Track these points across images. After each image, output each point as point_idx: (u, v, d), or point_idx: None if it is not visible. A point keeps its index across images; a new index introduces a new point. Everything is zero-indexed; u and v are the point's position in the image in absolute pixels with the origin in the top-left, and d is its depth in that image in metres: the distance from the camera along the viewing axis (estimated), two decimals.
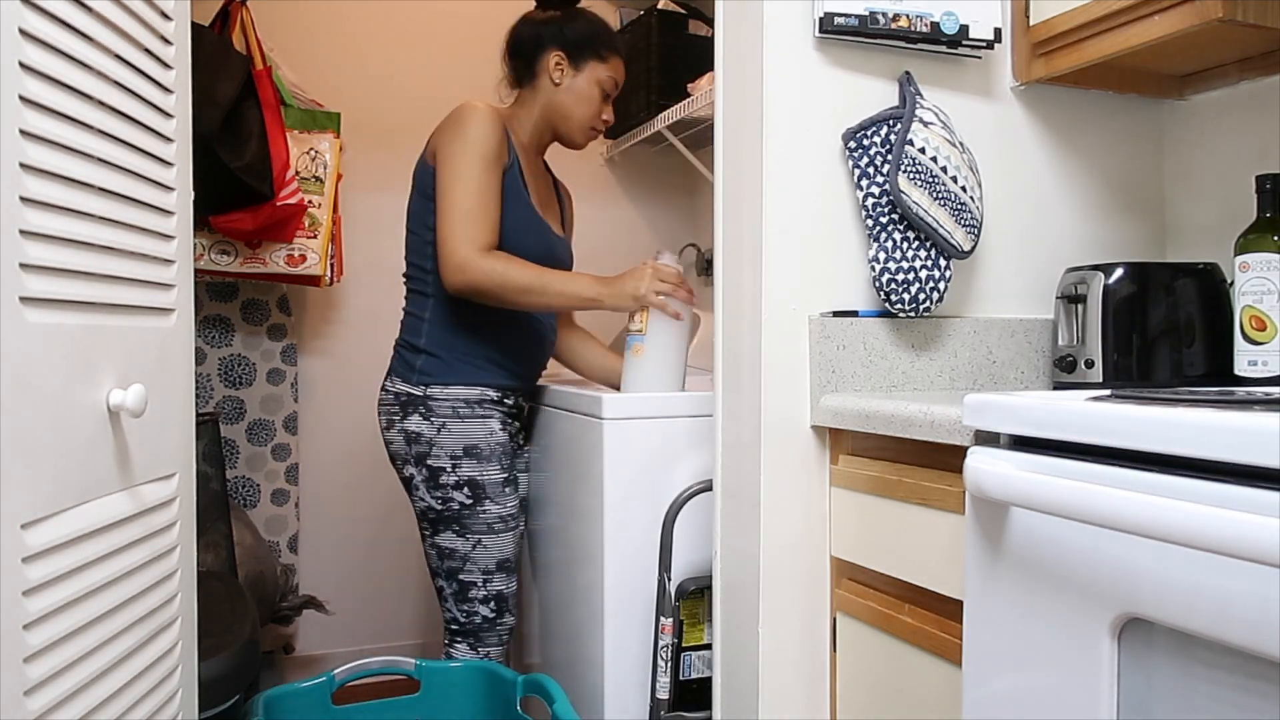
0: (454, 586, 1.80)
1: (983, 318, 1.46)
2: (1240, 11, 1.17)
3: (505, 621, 1.83)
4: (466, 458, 1.77)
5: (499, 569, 1.80)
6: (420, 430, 1.77)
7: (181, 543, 1.15)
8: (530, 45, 1.86)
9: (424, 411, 1.77)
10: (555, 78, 1.84)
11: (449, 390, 1.77)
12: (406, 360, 1.81)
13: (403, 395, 1.79)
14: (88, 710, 0.92)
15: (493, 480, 1.78)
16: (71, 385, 0.90)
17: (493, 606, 1.80)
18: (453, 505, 1.77)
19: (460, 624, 1.81)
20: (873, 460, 1.29)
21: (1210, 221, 1.53)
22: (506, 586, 1.82)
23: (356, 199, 2.65)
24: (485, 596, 1.79)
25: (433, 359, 1.79)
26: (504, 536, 1.80)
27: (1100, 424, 0.85)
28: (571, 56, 1.83)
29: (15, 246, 0.81)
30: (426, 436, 1.77)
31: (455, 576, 1.79)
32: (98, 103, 0.95)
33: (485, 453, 1.78)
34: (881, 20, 1.35)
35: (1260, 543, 0.65)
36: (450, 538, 1.78)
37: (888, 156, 1.35)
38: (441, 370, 1.78)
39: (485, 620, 1.80)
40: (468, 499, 1.77)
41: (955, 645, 1.11)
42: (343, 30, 2.66)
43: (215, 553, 2.12)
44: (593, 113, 1.86)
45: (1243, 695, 0.74)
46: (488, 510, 1.77)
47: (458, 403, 1.77)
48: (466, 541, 1.77)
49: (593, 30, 1.86)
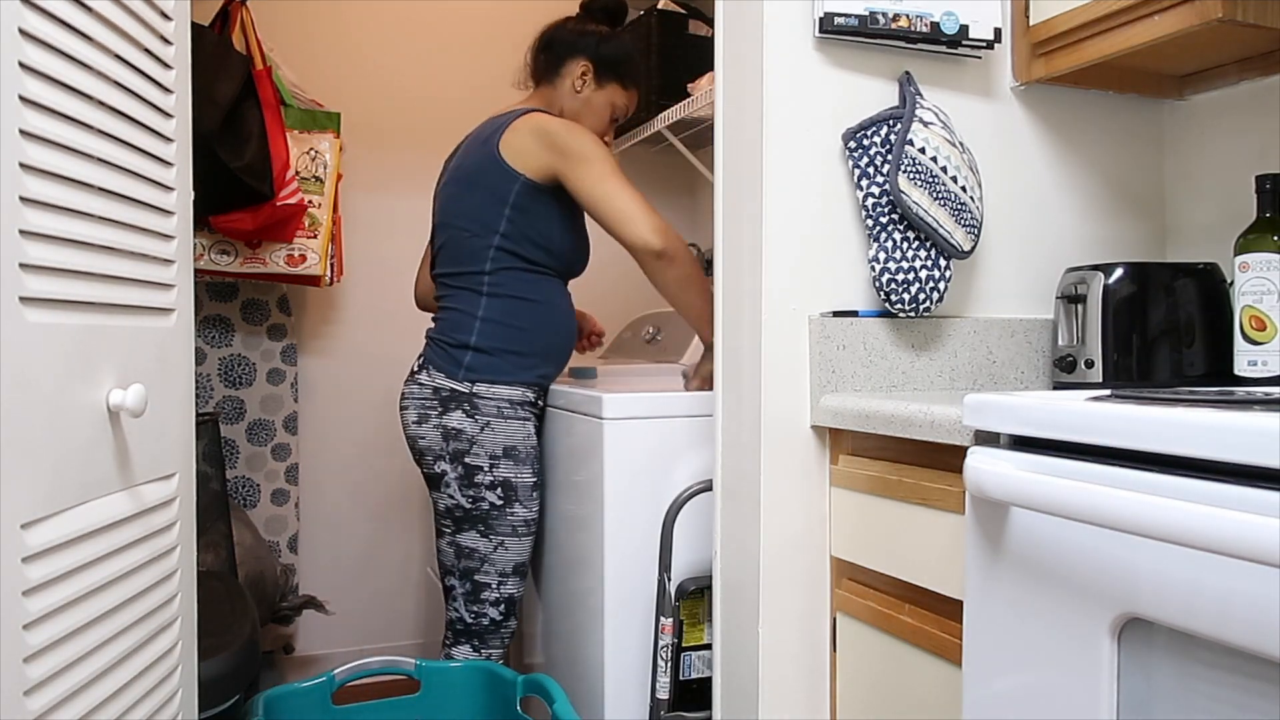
0: (467, 586, 1.80)
1: (983, 318, 1.46)
2: (1240, 11, 1.17)
3: (510, 625, 1.84)
4: (505, 458, 1.77)
5: (514, 573, 1.81)
6: (462, 427, 1.77)
7: (181, 543, 1.15)
8: (563, 47, 1.90)
9: (468, 409, 1.77)
10: (577, 85, 1.88)
11: (496, 389, 1.78)
12: (452, 356, 1.80)
13: (444, 390, 1.78)
14: (88, 710, 0.92)
15: (525, 483, 1.79)
16: (71, 385, 0.90)
17: (502, 610, 1.81)
18: (483, 505, 1.77)
19: (466, 625, 1.81)
20: (873, 460, 1.29)
21: (1210, 221, 1.53)
22: (518, 591, 1.83)
23: (356, 199, 2.65)
24: (497, 599, 1.80)
25: (483, 356, 1.78)
26: (525, 540, 1.81)
27: (1100, 424, 0.85)
28: (598, 71, 1.88)
29: (15, 246, 0.81)
30: (468, 434, 1.76)
31: (470, 576, 1.79)
32: (98, 103, 0.95)
33: (522, 455, 1.79)
34: (881, 20, 1.35)
35: (1260, 543, 0.65)
36: (473, 537, 1.78)
37: (888, 156, 1.35)
38: (492, 368, 1.78)
39: (492, 623, 1.81)
40: (499, 499, 1.77)
41: (955, 645, 1.11)
42: (343, 30, 2.66)
43: (215, 553, 2.12)
44: (599, 129, 1.90)
45: (1243, 695, 0.74)
46: (516, 513, 1.78)
47: (503, 403, 1.78)
48: (489, 542, 1.78)
49: (625, 55, 1.92)
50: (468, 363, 1.78)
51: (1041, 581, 0.90)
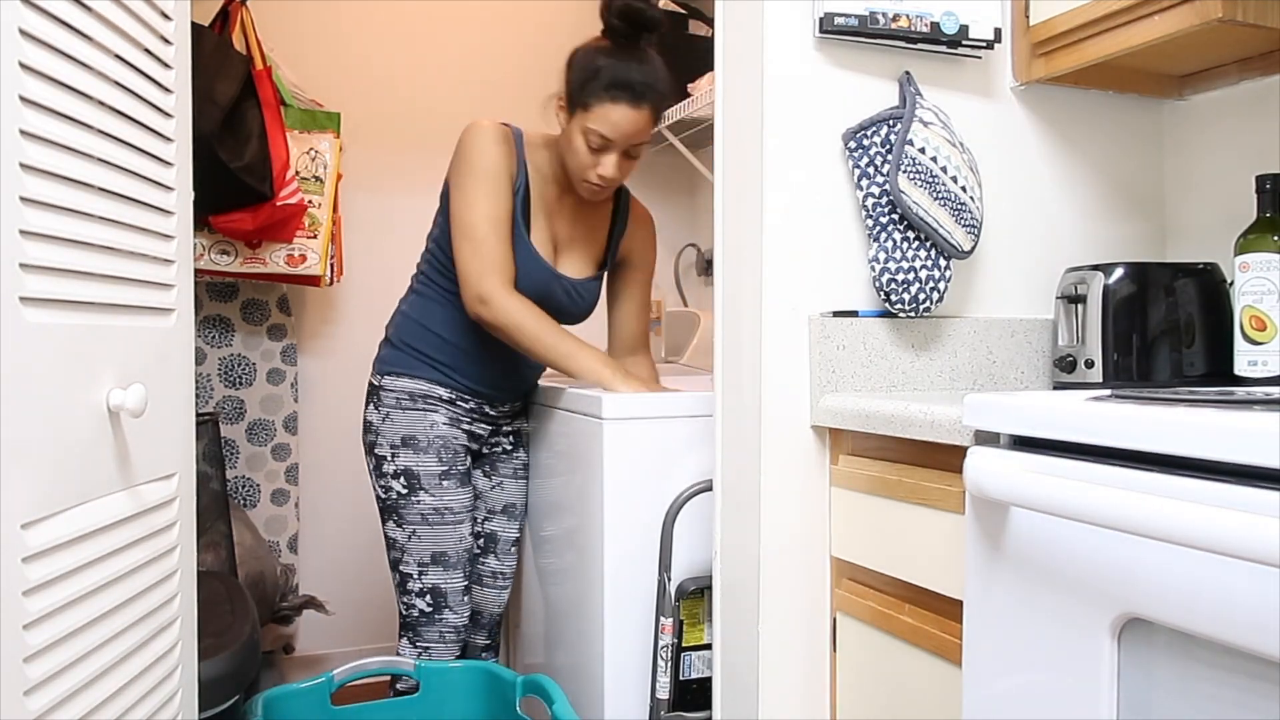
0: (396, 578, 1.83)
1: (983, 318, 1.46)
2: (1240, 11, 1.17)
3: (445, 619, 1.81)
4: (404, 447, 1.79)
5: (435, 562, 1.80)
6: (371, 419, 1.83)
7: (181, 543, 1.15)
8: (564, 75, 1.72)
9: (375, 401, 1.83)
10: (559, 119, 1.74)
11: (398, 381, 1.81)
12: (379, 350, 1.88)
13: (368, 387, 1.86)
14: (88, 710, 0.92)
15: (428, 471, 1.80)
16: (71, 385, 0.90)
17: (429, 600, 1.80)
18: (391, 494, 1.80)
19: (402, 617, 1.83)
20: (873, 460, 1.29)
21: (1210, 221, 1.53)
22: (444, 581, 1.81)
23: (356, 199, 2.65)
24: (421, 589, 1.80)
25: (393, 349, 1.85)
26: (440, 529, 1.80)
27: (1100, 424, 0.85)
28: (569, 99, 1.69)
29: (15, 246, 0.81)
30: (374, 426, 1.82)
31: (396, 568, 1.82)
32: (98, 103, 0.95)
33: (423, 444, 1.80)
34: (881, 20, 1.35)
35: (1260, 543, 0.65)
36: (391, 527, 1.82)
37: (888, 156, 1.35)
38: (395, 361, 1.83)
39: (423, 614, 1.81)
40: (404, 488, 1.79)
41: (955, 645, 1.11)
42: (343, 30, 2.66)
43: (215, 553, 2.12)
44: (579, 164, 1.70)
45: (1243, 695, 0.74)
46: (422, 501, 1.79)
47: (402, 394, 1.81)
48: (404, 532, 1.80)
49: (587, 74, 1.65)
50: (382, 355, 1.86)
51: (1041, 581, 0.90)
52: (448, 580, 1.82)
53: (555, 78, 1.73)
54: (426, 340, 1.82)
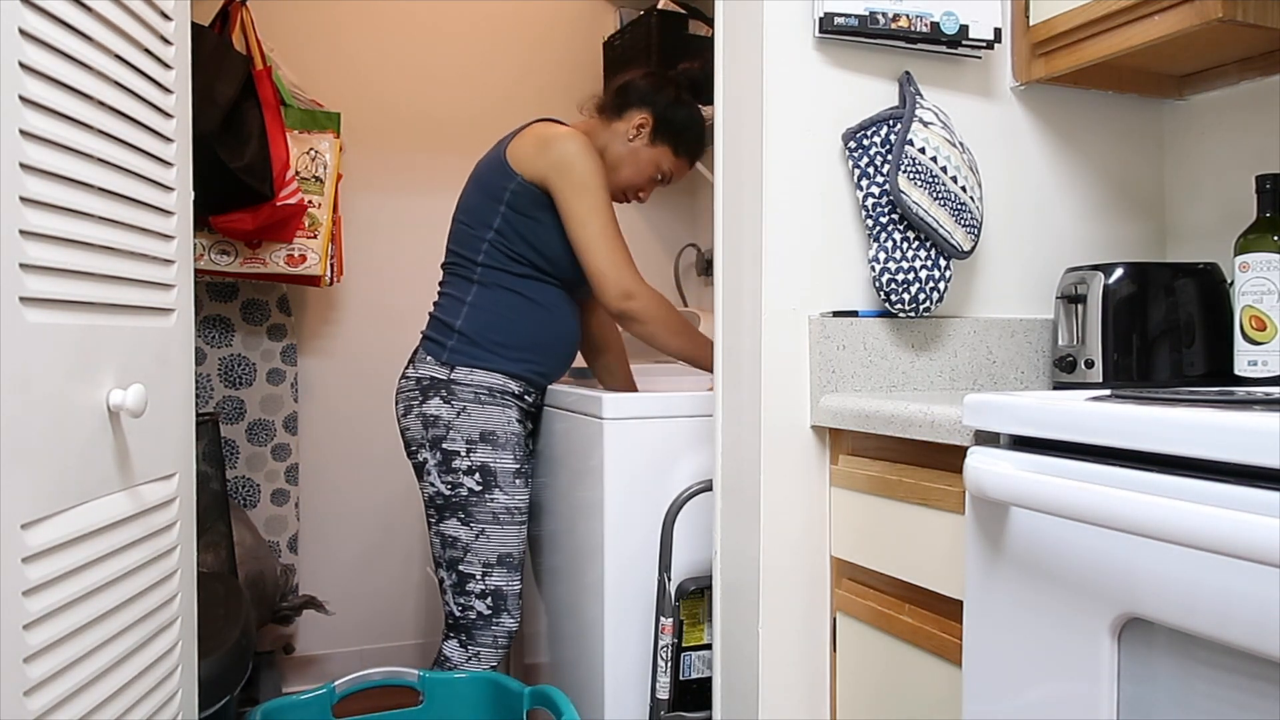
0: (453, 578, 1.79)
1: (983, 318, 1.46)
2: (1240, 11, 1.17)
3: (502, 623, 1.80)
4: (482, 443, 1.77)
5: (500, 563, 1.79)
6: (439, 413, 1.78)
7: (181, 543, 1.15)
8: (635, 94, 1.88)
9: (445, 394, 1.78)
10: (630, 134, 1.87)
11: (474, 375, 1.79)
12: (439, 341, 1.83)
13: (425, 379, 1.80)
14: (88, 710, 0.92)
15: (505, 468, 1.78)
16: (71, 385, 0.90)
17: (489, 603, 1.79)
18: (461, 491, 1.77)
19: (455, 618, 1.80)
20: (873, 460, 1.29)
21: (1210, 221, 1.53)
22: (506, 584, 1.80)
23: (356, 199, 2.65)
24: (483, 591, 1.78)
25: (466, 341, 1.80)
26: (509, 529, 1.79)
27: (1100, 424, 0.85)
28: (656, 128, 1.87)
29: (15, 246, 0.81)
30: (445, 420, 1.78)
31: (455, 567, 1.79)
32: (98, 103, 0.95)
33: (501, 440, 1.78)
34: (881, 20, 1.35)
35: (1260, 543, 0.65)
36: (455, 525, 1.78)
37: (888, 156, 1.35)
38: (472, 354, 1.80)
39: (480, 617, 1.79)
40: (478, 485, 1.77)
41: (955, 645, 1.11)
42: (342, 30, 2.66)
43: (215, 553, 2.12)
44: (638, 183, 1.90)
45: (1243, 695, 0.74)
46: (496, 499, 1.77)
47: (480, 388, 1.78)
48: (470, 531, 1.77)
49: (690, 123, 1.90)
50: (451, 345, 1.81)
51: (1042, 581, 0.90)
52: (509, 583, 1.81)
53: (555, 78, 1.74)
54: (505, 332, 1.81)
